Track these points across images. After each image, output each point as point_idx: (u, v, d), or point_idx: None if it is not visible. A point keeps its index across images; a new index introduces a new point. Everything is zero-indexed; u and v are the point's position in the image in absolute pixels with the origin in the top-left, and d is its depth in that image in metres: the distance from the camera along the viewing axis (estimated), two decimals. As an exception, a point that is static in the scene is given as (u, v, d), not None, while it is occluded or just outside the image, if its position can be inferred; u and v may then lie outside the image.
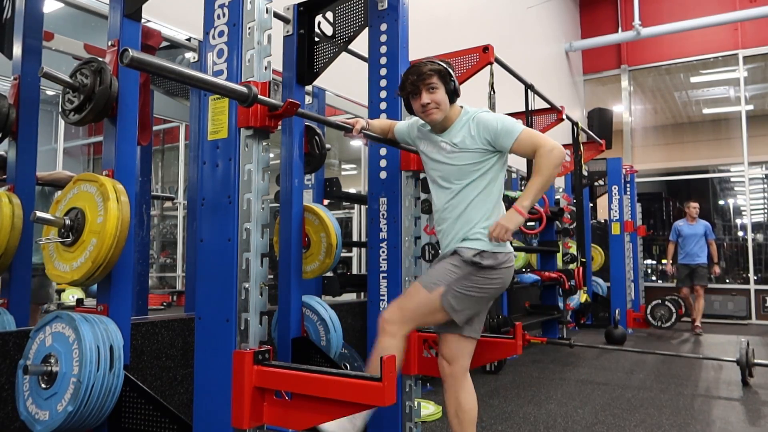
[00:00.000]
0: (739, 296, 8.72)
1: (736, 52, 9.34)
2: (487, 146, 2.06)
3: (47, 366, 1.71)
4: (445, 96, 2.11)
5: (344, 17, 2.68)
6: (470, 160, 2.08)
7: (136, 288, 3.25)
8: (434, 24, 5.68)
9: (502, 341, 2.38)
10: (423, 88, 2.10)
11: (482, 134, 2.06)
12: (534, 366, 4.77)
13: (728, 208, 10.68)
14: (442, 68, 2.11)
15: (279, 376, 1.59)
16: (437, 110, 2.11)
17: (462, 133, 2.10)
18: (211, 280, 1.68)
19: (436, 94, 2.09)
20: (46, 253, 1.87)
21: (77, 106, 1.86)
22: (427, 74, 2.09)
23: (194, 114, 3.48)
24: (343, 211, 6.63)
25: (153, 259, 7.37)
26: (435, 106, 2.10)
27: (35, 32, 2.41)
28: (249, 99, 1.58)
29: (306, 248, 2.90)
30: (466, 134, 2.09)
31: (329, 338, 2.82)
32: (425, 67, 2.10)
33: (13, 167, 2.33)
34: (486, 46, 3.32)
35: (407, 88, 2.14)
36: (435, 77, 2.09)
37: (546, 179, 2.00)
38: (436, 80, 2.10)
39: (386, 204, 2.58)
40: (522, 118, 5.09)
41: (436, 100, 2.09)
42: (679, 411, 3.42)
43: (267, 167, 1.70)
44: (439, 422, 3.12)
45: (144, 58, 1.34)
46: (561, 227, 5.89)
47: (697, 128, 11.24)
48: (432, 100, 2.10)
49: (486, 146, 2.06)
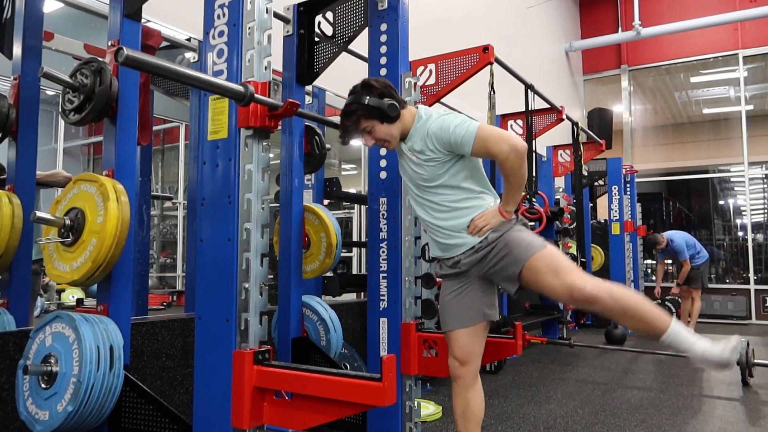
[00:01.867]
0: (739, 296, 8.73)
1: (736, 52, 9.34)
2: (449, 152, 2.02)
3: (47, 366, 1.71)
4: (384, 126, 2.04)
5: (344, 17, 2.68)
6: (437, 167, 2.03)
7: (136, 288, 3.24)
8: (434, 24, 5.68)
9: (502, 341, 2.38)
10: (361, 135, 2.07)
11: (438, 146, 2.00)
12: (534, 366, 4.77)
13: (728, 208, 10.68)
14: (362, 106, 2.01)
15: (279, 376, 1.59)
16: (388, 143, 2.08)
17: (420, 144, 2.04)
18: (211, 280, 1.68)
19: (375, 132, 2.05)
20: (46, 253, 1.87)
21: (77, 106, 1.86)
22: (350, 126, 2.05)
23: (194, 114, 3.48)
24: (343, 211, 6.62)
25: (153, 259, 7.36)
26: (382, 143, 2.08)
27: (35, 32, 2.41)
28: (246, 98, 1.58)
29: (306, 248, 2.90)
30: (424, 146, 2.02)
31: (329, 338, 2.82)
32: (347, 120, 2.04)
33: (13, 167, 2.33)
34: (486, 46, 3.32)
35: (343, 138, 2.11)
36: (362, 121, 2.04)
37: (515, 184, 1.98)
38: (365, 122, 2.04)
39: (386, 204, 2.58)
40: (522, 118, 5.10)
41: (378, 138, 2.06)
42: (679, 411, 3.42)
43: (267, 167, 1.70)
44: (439, 422, 3.12)
45: (139, 56, 1.33)
46: (561, 227, 5.89)
47: (697, 128, 11.24)
48: (375, 140, 2.07)
49: (448, 152, 2.02)
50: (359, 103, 2.03)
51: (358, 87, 2.08)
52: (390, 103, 2.02)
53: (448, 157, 2.02)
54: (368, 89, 2.04)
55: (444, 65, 3.37)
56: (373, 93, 2.03)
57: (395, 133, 2.07)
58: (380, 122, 2.03)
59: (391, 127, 2.05)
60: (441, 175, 2.04)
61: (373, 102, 2.01)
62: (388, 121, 2.03)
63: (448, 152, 2.01)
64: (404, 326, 2.50)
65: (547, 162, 6.26)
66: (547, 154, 6.30)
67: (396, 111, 2.03)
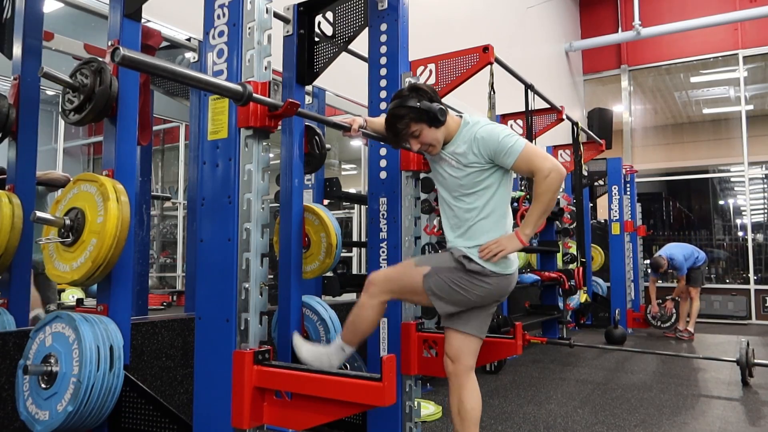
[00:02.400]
0: (739, 296, 8.72)
1: (736, 52, 9.34)
2: (489, 161, 2.04)
3: (47, 366, 1.71)
4: (431, 130, 2.04)
5: (344, 17, 2.68)
6: (475, 175, 2.05)
7: (136, 288, 3.24)
8: (434, 24, 5.68)
9: (502, 341, 2.38)
10: (408, 139, 2.08)
11: (483, 151, 2.02)
12: (534, 366, 4.77)
13: (728, 208, 10.68)
14: (413, 109, 2.01)
15: (279, 376, 1.59)
16: (433, 147, 2.09)
17: (464, 147, 2.06)
18: (211, 280, 1.68)
19: (423, 137, 2.06)
20: (46, 253, 1.87)
21: (77, 106, 1.86)
22: (402, 130, 2.05)
23: (194, 114, 3.48)
24: (343, 211, 6.62)
25: (153, 259, 7.36)
26: (427, 147, 2.09)
27: (35, 32, 2.41)
28: (244, 98, 1.58)
29: (306, 248, 2.90)
30: (468, 150, 2.04)
31: (329, 338, 2.81)
32: (399, 124, 2.04)
33: (13, 167, 2.33)
34: (486, 46, 3.32)
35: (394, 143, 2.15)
36: (411, 125, 2.03)
37: (545, 206, 1.99)
38: (415, 126, 2.03)
39: (386, 204, 2.58)
40: (522, 118, 5.10)
41: (425, 142, 2.07)
42: (679, 411, 3.42)
43: (267, 167, 1.70)
44: (439, 422, 3.12)
45: (135, 56, 1.33)
46: (561, 227, 5.89)
47: (697, 128, 11.24)
48: (422, 144, 2.08)
49: (489, 161, 2.04)
50: (409, 106, 2.02)
51: (405, 91, 2.08)
52: (440, 107, 2.03)
53: (488, 165, 2.04)
54: (417, 93, 2.04)
55: (444, 65, 3.37)
56: (423, 97, 2.03)
57: (441, 138, 2.08)
58: (428, 126, 2.04)
59: (437, 132, 2.06)
60: (477, 183, 2.05)
61: (425, 106, 2.01)
62: (436, 125, 2.05)
63: (489, 160, 2.03)
64: (404, 326, 2.50)
65: (547, 162, 6.25)
66: (547, 154, 6.29)
67: (445, 115, 2.05)
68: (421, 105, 2.01)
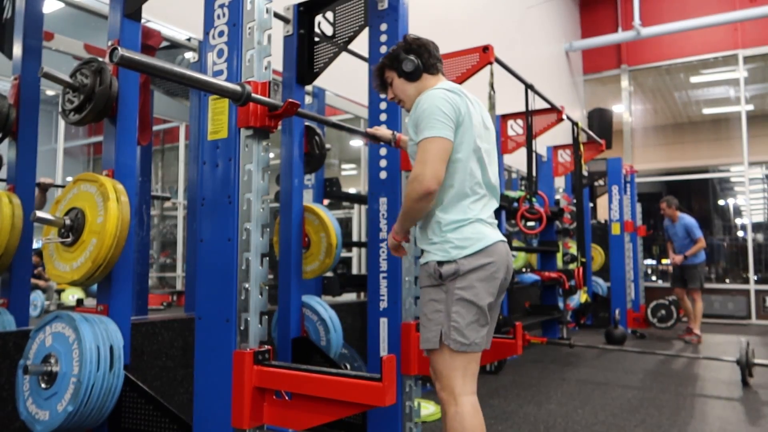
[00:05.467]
0: (739, 296, 8.72)
1: (736, 52, 9.34)
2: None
3: (47, 366, 1.71)
4: (401, 81, 1.92)
5: (344, 17, 2.68)
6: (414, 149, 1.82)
7: (136, 288, 3.24)
8: (434, 24, 5.67)
9: (502, 341, 2.38)
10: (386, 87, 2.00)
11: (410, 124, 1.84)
12: (534, 366, 4.77)
13: (728, 208, 10.68)
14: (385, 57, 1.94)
15: (279, 376, 1.59)
16: (402, 102, 1.98)
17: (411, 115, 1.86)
18: (211, 280, 1.68)
19: (393, 87, 1.96)
20: (46, 253, 1.87)
21: (77, 106, 1.86)
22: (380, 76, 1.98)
23: (194, 114, 3.48)
24: (343, 211, 6.62)
25: (153, 259, 7.37)
26: (398, 99, 1.98)
27: (35, 32, 2.41)
28: (242, 98, 1.58)
29: (306, 248, 2.90)
30: (410, 120, 1.85)
31: (329, 338, 2.82)
32: (375, 69, 1.97)
33: (13, 167, 2.33)
34: (486, 46, 3.32)
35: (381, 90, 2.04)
36: (386, 72, 1.95)
37: (404, 209, 1.79)
38: (388, 73, 1.95)
39: (386, 204, 2.58)
40: (522, 118, 5.10)
41: (395, 93, 1.97)
42: (679, 411, 3.42)
43: (267, 167, 1.70)
44: (439, 422, 3.12)
45: (133, 57, 1.33)
46: (561, 227, 5.89)
47: (697, 128, 11.24)
48: (394, 95, 1.98)
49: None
50: (388, 53, 1.96)
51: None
52: (408, 58, 1.89)
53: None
54: (403, 42, 1.94)
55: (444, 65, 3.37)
56: (404, 47, 1.93)
57: (410, 93, 1.92)
58: (398, 76, 1.93)
59: (407, 85, 1.92)
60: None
61: (394, 53, 1.93)
62: (406, 78, 1.92)
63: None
64: (404, 326, 2.50)
65: (547, 162, 6.27)
66: (547, 154, 6.31)
67: (411, 68, 1.89)
68: (392, 51, 1.93)
